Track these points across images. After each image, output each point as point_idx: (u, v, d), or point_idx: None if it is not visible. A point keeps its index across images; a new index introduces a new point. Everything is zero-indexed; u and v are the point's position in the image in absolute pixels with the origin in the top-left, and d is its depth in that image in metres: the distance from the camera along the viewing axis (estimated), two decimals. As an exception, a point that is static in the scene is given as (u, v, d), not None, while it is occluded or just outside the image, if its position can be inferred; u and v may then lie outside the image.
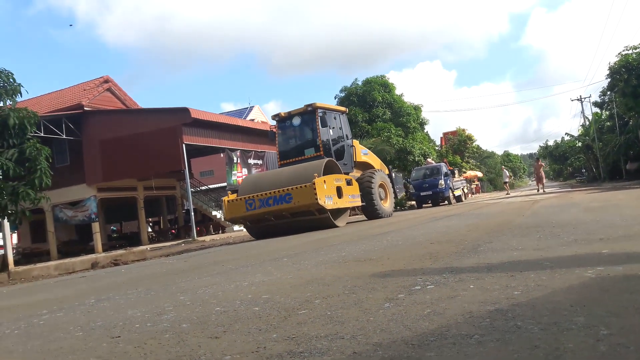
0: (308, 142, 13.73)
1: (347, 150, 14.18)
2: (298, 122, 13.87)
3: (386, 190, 14.91)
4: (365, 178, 13.94)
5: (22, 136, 10.20)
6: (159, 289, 4.14)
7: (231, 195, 12.68)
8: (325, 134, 13.43)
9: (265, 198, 11.40)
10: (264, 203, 11.42)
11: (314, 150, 13.36)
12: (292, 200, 11.05)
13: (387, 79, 32.55)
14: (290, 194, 11.07)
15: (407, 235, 6.46)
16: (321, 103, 13.78)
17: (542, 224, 5.76)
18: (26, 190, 10.00)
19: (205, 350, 1.96)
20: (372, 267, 3.71)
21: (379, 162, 16.53)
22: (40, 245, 22.96)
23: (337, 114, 14.37)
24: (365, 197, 13.48)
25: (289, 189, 11.14)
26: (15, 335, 2.77)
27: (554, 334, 1.64)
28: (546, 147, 65.88)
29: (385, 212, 14.09)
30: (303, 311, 2.45)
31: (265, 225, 12.05)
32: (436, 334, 1.80)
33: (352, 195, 12.72)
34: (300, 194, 10.95)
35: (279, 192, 11.23)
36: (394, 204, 16.25)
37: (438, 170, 23.66)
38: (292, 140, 14.30)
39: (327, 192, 11.18)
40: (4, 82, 9.79)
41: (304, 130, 13.97)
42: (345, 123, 14.76)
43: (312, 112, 13.52)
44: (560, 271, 2.66)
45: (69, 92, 24.50)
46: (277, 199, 11.20)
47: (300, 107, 13.83)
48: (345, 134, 14.40)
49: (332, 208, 11.38)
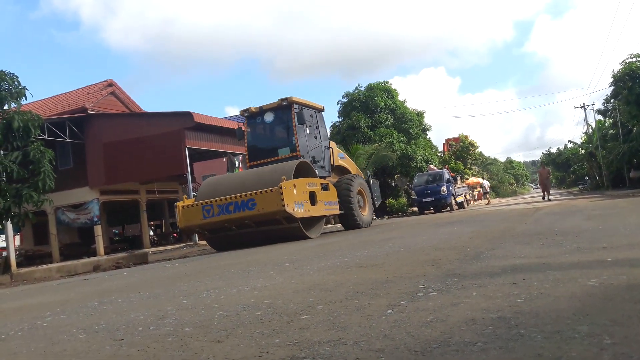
0: (282, 141, 12.33)
1: (324, 152, 12.97)
2: (271, 119, 12.45)
3: (364, 197, 13.78)
4: (343, 184, 12.71)
5: (26, 139, 10.25)
6: (162, 292, 4.15)
7: (187, 200, 11.30)
8: (302, 132, 12.12)
9: (224, 204, 9.99)
10: (223, 210, 10.00)
11: (289, 150, 11.96)
12: (256, 207, 9.70)
13: (390, 84, 32.63)
14: (253, 200, 9.73)
15: (409, 241, 6.45)
16: (297, 98, 12.38)
17: (544, 231, 5.75)
18: (30, 193, 10.05)
19: (208, 354, 1.97)
20: (374, 273, 3.71)
21: (355, 167, 15.49)
22: (43, 248, 22.98)
23: (313, 112, 13.04)
24: (344, 205, 12.34)
25: (252, 194, 9.78)
26: (19, 337, 2.78)
27: (557, 342, 1.64)
28: (549, 155, 65.89)
29: (364, 222, 13.03)
30: (305, 316, 2.45)
31: (226, 235, 10.70)
32: (439, 341, 1.80)
33: (329, 202, 11.56)
34: (265, 200, 9.62)
35: (240, 197, 9.85)
36: (373, 213, 15.06)
37: (440, 176, 23.69)
38: (263, 138, 12.95)
39: (298, 197, 9.93)
40: (9, 85, 9.85)
41: (278, 128, 12.65)
42: (322, 122, 13.43)
43: (287, 107, 12.15)
44: (563, 279, 2.66)
45: (73, 95, 24.59)
46: (239, 205, 9.83)
47: (274, 102, 12.43)
48: (322, 134, 13.17)
49: (304, 216, 10.17)
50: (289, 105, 12.11)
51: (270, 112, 12.38)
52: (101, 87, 23.68)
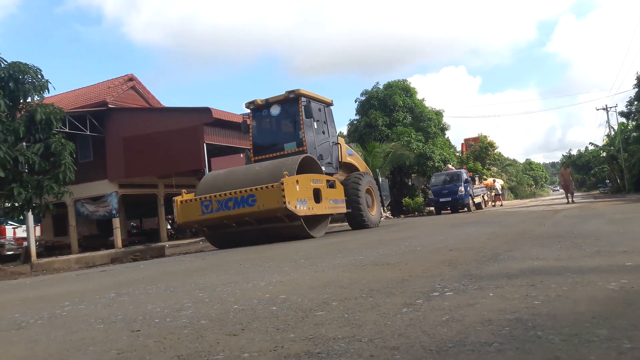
0: (288, 136, 11.87)
1: (331, 148, 12.50)
2: (277, 112, 11.99)
3: (373, 196, 13.29)
4: (351, 181, 12.31)
5: (48, 131, 10.40)
6: (178, 285, 4.19)
7: (186, 194, 10.73)
8: (310, 126, 11.69)
9: (224, 199, 9.57)
10: (222, 205, 9.59)
11: (296, 144, 11.52)
12: (256, 204, 9.28)
13: (408, 83, 32.45)
14: (253, 196, 9.31)
15: (425, 241, 6.42)
16: (305, 90, 11.95)
17: (563, 234, 5.68)
18: (50, 184, 10.19)
19: (224, 347, 1.98)
20: (389, 271, 3.70)
21: (364, 164, 14.93)
22: (62, 239, 23.34)
23: (322, 105, 12.57)
24: (351, 204, 11.89)
25: (252, 190, 9.37)
26: (39, 325, 2.82)
27: (575, 345, 1.62)
28: (569, 156, 65.06)
29: (372, 222, 12.53)
30: (320, 312, 2.46)
31: (226, 232, 10.28)
32: (455, 340, 1.79)
33: (335, 200, 11.04)
34: (265, 196, 9.21)
35: (240, 192, 9.43)
36: (381, 212, 14.49)
37: (458, 176, 23.51)
38: (269, 132, 12.49)
39: (300, 194, 9.48)
40: (33, 78, 9.99)
41: (284, 121, 12.18)
42: (330, 116, 12.92)
43: (294, 100, 11.69)
44: (582, 282, 2.63)
45: (94, 89, 24.91)
46: (238, 201, 9.40)
47: (280, 94, 11.96)
48: (330, 129, 12.70)
49: (307, 214, 9.75)
50: (296, 97, 11.66)
51: (277, 104, 11.98)
52: (122, 82, 23.95)
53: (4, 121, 9.61)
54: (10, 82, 9.74)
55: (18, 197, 9.94)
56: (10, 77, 9.75)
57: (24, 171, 10.20)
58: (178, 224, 11.29)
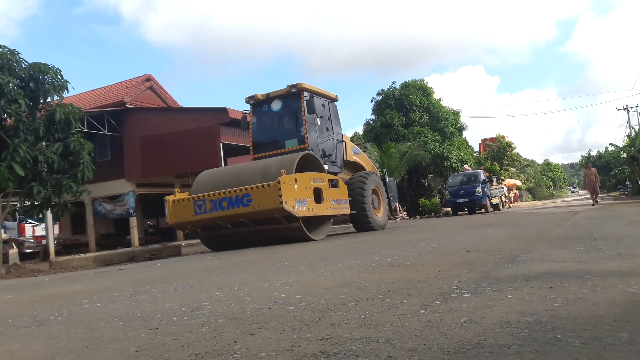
0: (290, 132, 11.30)
1: (336, 146, 11.91)
2: (278, 107, 11.45)
3: (379, 197, 12.68)
4: (357, 181, 11.75)
5: (67, 131, 10.51)
6: (195, 284, 4.22)
7: (179, 193, 10.19)
8: (312, 122, 11.12)
9: (217, 199, 9.08)
10: (216, 206, 9.11)
11: (297, 142, 10.97)
12: (251, 204, 8.79)
13: (425, 82, 32.26)
14: (249, 195, 8.82)
15: (442, 242, 6.39)
16: (308, 84, 11.40)
17: (582, 235, 5.61)
18: (69, 183, 10.30)
19: (241, 346, 1.99)
20: (406, 272, 3.69)
21: (370, 164, 14.17)
22: (80, 237, 23.63)
23: (326, 101, 12.00)
24: (356, 205, 11.37)
25: (247, 189, 8.88)
26: (59, 322, 2.86)
27: (595, 348, 1.60)
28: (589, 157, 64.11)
29: (378, 224, 11.96)
30: (337, 313, 2.46)
31: (221, 234, 9.82)
32: (473, 342, 1.78)
33: (337, 200, 10.48)
34: (261, 196, 8.72)
35: (235, 192, 8.94)
36: (388, 214, 13.67)
37: (475, 177, 23.31)
38: (270, 129, 11.91)
39: (299, 194, 8.99)
40: (53, 79, 10.10)
41: (286, 117, 11.64)
42: (335, 112, 12.33)
43: (296, 94, 11.14)
44: (602, 285, 2.59)
45: (112, 89, 25.17)
46: (233, 201, 8.91)
47: (282, 89, 11.39)
48: (334, 126, 12.10)
49: (306, 215, 9.26)
50: (299, 92, 11.10)
51: (278, 99, 11.42)
52: (139, 82, 24.17)
53: (25, 121, 9.74)
54: (30, 83, 9.87)
55: (37, 196, 10.07)
56: (30, 77, 9.88)
57: (43, 170, 10.32)
58: (170, 224, 10.44)
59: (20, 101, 9.44)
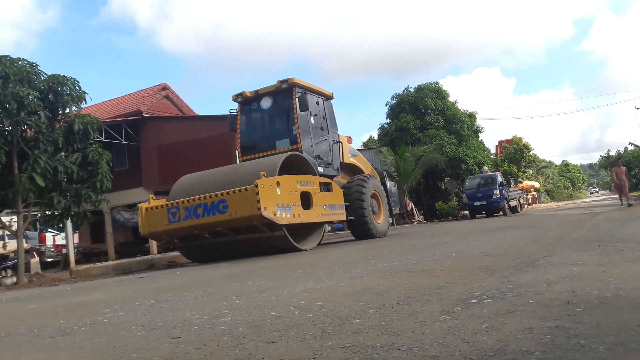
0: (281, 132, 10.47)
1: (332, 147, 11.11)
2: (268, 105, 10.66)
3: (379, 202, 11.92)
4: (355, 185, 10.98)
5: (86, 141, 10.68)
6: (215, 291, 4.25)
7: (153, 200, 9.35)
8: (305, 121, 10.31)
9: (192, 206, 8.32)
10: (190, 213, 8.35)
11: (289, 142, 10.15)
12: (228, 211, 8.00)
13: (440, 85, 32.15)
14: (225, 201, 8.04)
15: (460, 246, 6.35)
16: (300, 80, 10.57)
17: (603, 238, 5.54)
18: (88, 193, 10.46)
19: (263, 354, 2.00)
20: (425, 278, 3.67)
21: (369, 166, 13.32)
22: (99, 246, 23.87)
23: (320, 98, 11.20)
24: (354, 210, 10.62)
25: (223, 194, 8.09)
26: (83, 332, 2.91)
27: (620, 354, 1.58)
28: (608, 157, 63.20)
29: (378, 231, 11.19)
30: (357, 320, 2.46)
31: (200, 244, 9.06)
32: (495, 349, 1.77)
33: (331, 205, 9.67)
34: (238, 202, 7.94)
35: (210, 198, 8.16)
36: (389, 220, 12.76)
37: (493, 179, 23.12)
38: (259, 128, 11.20)
39: (282, 199, 8.21)
40: (71, 90, 10.27)
41: (276, 116, 10.85)
42: (330, 111, 11.51)
43: (287, 91, 10.37)
44: (625, 288, 2.56)
45: (129, 98, 25.48)
46: (208, 207, 8.16)
47: (272, 85, 10.61)
48: (330, 126, 11.28)
49: (292, 223, 8.43)
50: (290, 88, 10.31)
51: (268, 97, 10.64)
52: (155, 91, 24.43)
53: (44, 132, 9.92)
54: (49, 94, 10.06)
55: (58, 206, 10.23)
56: (49, 89, 10.07)
57: (63, 180, 10.50)
58: (142, 234, 9.65)
59: (40, 113, 9.61)
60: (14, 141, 9.63)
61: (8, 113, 9.34)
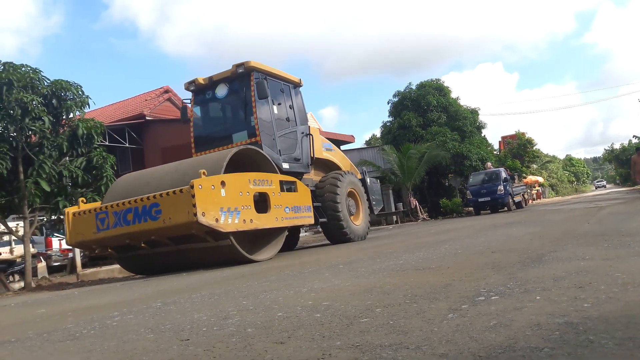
0: (238, 123, 9.39)
1: (300, 140, 9.88)
2: (224, 93, 9.47)
3: (358, 201, 10.82)
4: (328, 183, 9.91)
5: (90, 145, 10.71)
6: (222, 293, 4.25)
7: (83, 204, 8.12)
8: (265, 110, 9.17)
9: (121, 211, 7.07)
10: (120, 220, 7.09)
11: (247, 135, 9.01)
12: (161, 216, 6.75)
13: (442, 82, 32.11)
14: (157, 205, 6.78)
15: (466, 243, 6.35)
16: (259, 63, 9.26)
17: (609, 232, 5.53)
18: (93, 197, 10.48)
19: (272, 355, 2.01)
20: (432, 276, 3.68)
21: (348, 162, 12.06)
22: (105, 249, 23.92)
23: (286, 85, 9.98)
24: (327, 211, 9.59)
25: (155, 197, 6.83)
26: (92, 335, 2.92)
27: (630, 349, 1.58)
28: (612, 151, 63.07)
29: (356, 233, 10.15)
30: (365, 319, 2.46)
31: (138, 255, 7.82)
32: (504, 346, 1.77)
33: (295, 207, 8.42)
34: (171, 206, 6.70)
35: (141, 201, 6.90)
36: (368, 222, 11.49)
37: (497, 175, 23.08)
38: (215, 120, 10.12)
39: (227, 202, 6.92)
40: (74, 95, 10.30)
41: (233, 105, 9.72)
42: (298, 100, 10.27)
43: (244, 76, 9.13)
44: (633, 283, 2.56)
45: (132, 102, 25.55)
46: (139, 213, 6.89)
47: (227, 70, 9.35)
48: (298, 116, 10.03)
49: (240, 230, 7.17)
50: (247, 73, 9.08)
51: (223, 84, 9.46)
52: (158, 94, 24.49)
53: (49, 137, 9.95)
54: (53, 100, 10.09)
55: (63, 210, 10.28)
56: (53, 94, 10.10)
57: (68, 185, 10.52)
58: (68, 244, 8.54)
59: (44, 118, 9.65)
60: (19, 147, 9.66)
61: (13, 119, 9.38)
